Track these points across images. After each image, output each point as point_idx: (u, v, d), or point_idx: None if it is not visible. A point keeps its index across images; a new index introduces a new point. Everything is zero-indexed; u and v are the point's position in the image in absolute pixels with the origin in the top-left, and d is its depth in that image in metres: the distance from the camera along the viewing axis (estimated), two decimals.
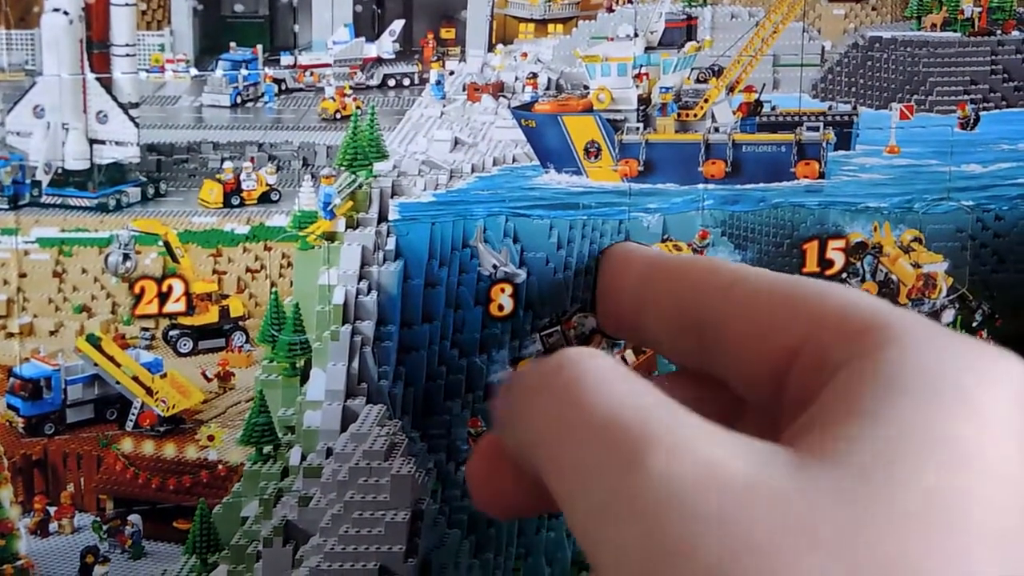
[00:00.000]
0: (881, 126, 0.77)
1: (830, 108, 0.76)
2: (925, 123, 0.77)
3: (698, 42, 0.74)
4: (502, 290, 0.67)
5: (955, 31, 0.79)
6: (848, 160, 0.76)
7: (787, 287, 0.46)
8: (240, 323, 0.67)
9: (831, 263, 0.76)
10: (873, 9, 0.79)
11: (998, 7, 0.80)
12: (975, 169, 0.77)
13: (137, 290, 0.65)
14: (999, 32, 0.80)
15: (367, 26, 0.71)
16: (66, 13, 0.62)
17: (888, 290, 0.77)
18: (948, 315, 0.78)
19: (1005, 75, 0.79)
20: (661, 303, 0.52)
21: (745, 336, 0.46)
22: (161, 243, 0.65)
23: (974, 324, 0.79)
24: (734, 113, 0.74)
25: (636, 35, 0.72)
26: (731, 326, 0.47)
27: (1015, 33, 0.79)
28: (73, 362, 0.65)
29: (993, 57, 0.79)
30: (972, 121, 0.78)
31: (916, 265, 0.77)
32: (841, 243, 0.76)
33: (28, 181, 0.63)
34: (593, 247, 0.66)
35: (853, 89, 0.78)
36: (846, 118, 0.76)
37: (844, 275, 0.76)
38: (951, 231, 0.77)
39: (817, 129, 0.75)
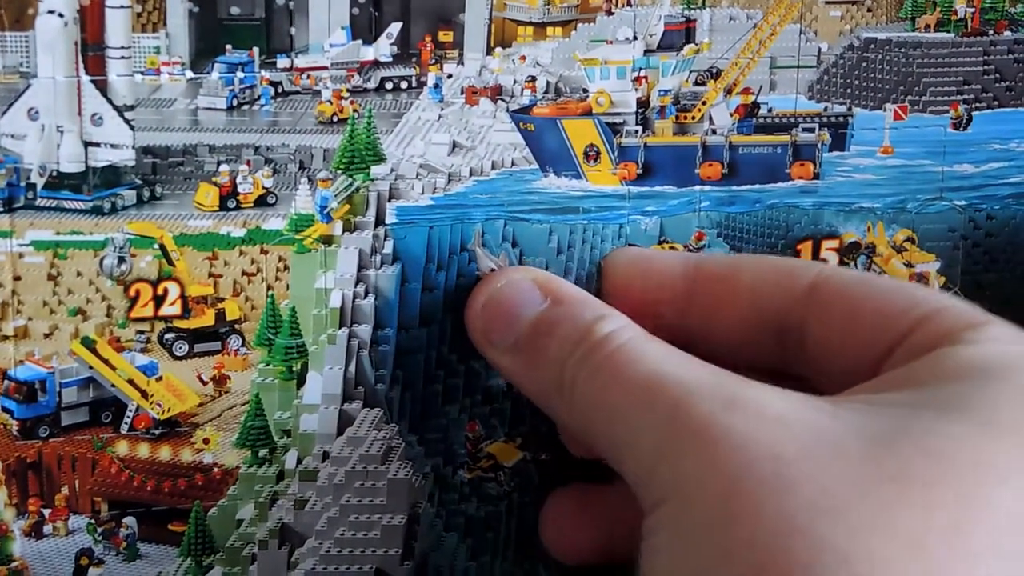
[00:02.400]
0: (875, 127, 0.77)
1: (826, 109, 0.76)
2: (918, 123, 0.77)
3: (697, 45, 0.73)
4: None
5: (948, 32, 0.80)
6: (842, 160, 0.76)
7: (876, 287, 0.48)
8: (236, 326, 0.67)
9: (825, 264, 0.76)
10: (869, 10, 0.79)
11: (990, 7, 0.80)
12: (967, 169, 0.77)
13: (132, 293, 0.65)
14: (991, 33, 0.80)
15: (364, 29, 0.71)
16: (61, 15, 0.61)
17: None
18: None
19: (997, 75, 0.79)
20: (725, 310, 0.53)
21: (842, 335, 0.48)
22: (156, 246, 0.65)
23: None
24: (731, 115, 0.74)
25: (635, 38, 0.72)
26: (824, 327, 0.49)
27: (1007, 34, 0.80)
28: (68, 365, 0.65)
29: (985, 58, 0.79)
30: (965, 121, 0.78)
31: (909, 265, 0.77)
32: (835, 243, 0.76)
33: (23, 184, 0.62)
34: (594, 252, 0.65)
35: (848, 90, 0.78)
36: (841, 119, 0.76)
37: None
38: (943, 231, 0.77)
39: (812, 130, 0.75)
